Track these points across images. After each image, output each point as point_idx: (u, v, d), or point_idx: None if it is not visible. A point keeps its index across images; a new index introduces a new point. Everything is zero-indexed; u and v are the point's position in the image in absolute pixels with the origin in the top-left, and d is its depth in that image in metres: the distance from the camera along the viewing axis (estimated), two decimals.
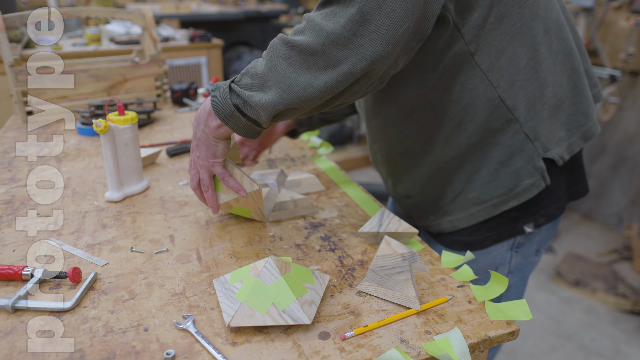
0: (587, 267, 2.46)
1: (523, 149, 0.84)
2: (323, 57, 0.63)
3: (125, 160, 0.95)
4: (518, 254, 0.94)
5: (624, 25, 2.57)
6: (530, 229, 0.90)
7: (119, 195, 0.95)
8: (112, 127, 0.91)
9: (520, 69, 0.80)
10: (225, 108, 0.72)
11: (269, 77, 0.67)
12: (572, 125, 0.88)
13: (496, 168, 0.85)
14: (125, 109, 1.01)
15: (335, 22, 0.62)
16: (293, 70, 0.65)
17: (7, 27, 1.31)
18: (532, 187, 0.86)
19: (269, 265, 0.64)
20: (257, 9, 4.26)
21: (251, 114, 0.71)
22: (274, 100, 0.67)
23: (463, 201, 0.89)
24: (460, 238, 0.93)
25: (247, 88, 0.70)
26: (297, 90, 0.65)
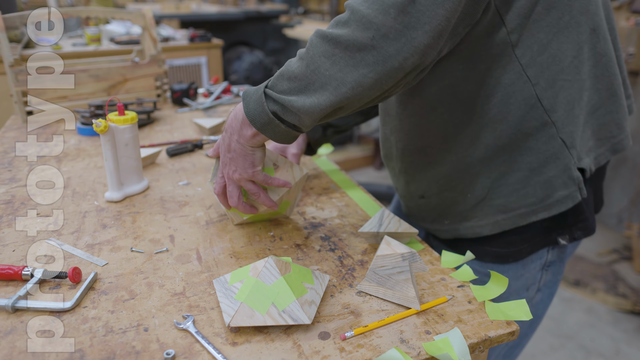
0: (587, 267, 2.46)
1: (558, 157, 0.76)
2: (372, 53, 0.58)
3: (125, 160, 0.94)
4: (548, 272, 0.88)
5: (624, 25, 2.57)
6: (565, 242, 0.83)
7: (119, 195, 0.94)
8: (112, 127, 0.90)
9: (563, 67, 0.73)
10: (262, 116, 0.66)
11: (312, 80, 0.62)
12: (603, 135, 0.81)
13: (527, 175, 0.78)
14: (125, 109, 1.01)
15: (384, 13, 0.56)
16: (338, 69, 0.60)
17: (7, 27, 1.31)
18: (565, 199, 0.78)
19: (269, 265, 0.64)
20: (257, 9, 4.27)
21: (291, 120, 0.66)
22: (321, 104, 0.62)
23: (486, 207, 0.82)
24: (493, 249, 0.86)
25: (285, 93, 0.64)
26: (346, 91, 0.61)
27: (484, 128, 0.76)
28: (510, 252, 0.85)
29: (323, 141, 1.07)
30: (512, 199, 0.80)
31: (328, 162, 1.18)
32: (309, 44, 0.63)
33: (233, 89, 1.73)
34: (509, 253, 0.85)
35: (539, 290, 0.90)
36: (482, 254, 0.86)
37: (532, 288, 0.89)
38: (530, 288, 0.89)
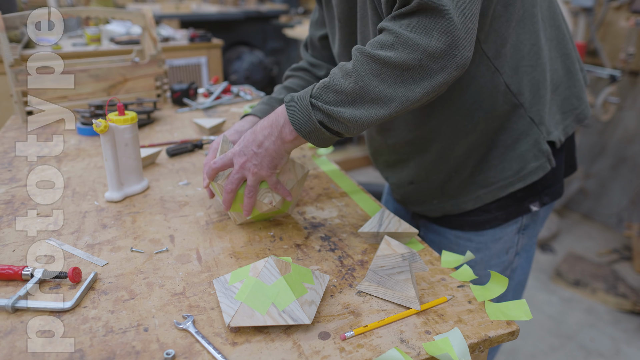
0: (587, 267, 2.46)
1: (528, 133, 0.87)
2: (419, 71, 0.64)
3: (125, 160, 0.94)
4: (524, 235, 0.97)
5: (624, 25, 2.57)
6: (536, 207, 0.94)
7: (119, 195, 0.94)
8: (112, 127, 0.90)
9: (524, 55, 0.82)
10: (308, 125, 0.71)
11: (361, 95, 0.67)
12: (567, 108, 0.92)
13: (503, 152, 0.88)
14: (125, 109, 1.01)
15: (429, 36, 0.62)
16: (387, 86, 0.65)
17: (7, 27, 1.31)
18: (537, 170, 0.89)
19: (269, 265, 0.64)
20: (257, 9, 4.27)
21: (338, 128, 0.71)
22: (371, 116, 0.67)
23: (469, 184, 0.91)
24: (470, 219, 0.95)
25: (332, 104, 0.69)
26: (395, 105, 0.66)
27: (463, 116, 0.85)
28: (487, 220, 0.95)
29: None
30: (491, 174, 0.90)
31: (328, 162, 1.18)
32: (354, 61, 0.68)
33: (233, 89, 1.73)
34: (485, 220, 0.95)
35: (518, 254, 1.00)
36: (462, 224, 0.97)
37: (510, 251, 0.98)
38: (509, 251, 0.98)
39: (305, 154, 1.22)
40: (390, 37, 0.65)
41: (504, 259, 0.99)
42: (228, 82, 1.77)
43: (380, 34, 0.67)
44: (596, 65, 2.61)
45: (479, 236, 0.97)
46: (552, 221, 2.88)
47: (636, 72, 2.62)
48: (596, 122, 2.80)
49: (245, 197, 0.81)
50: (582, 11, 2.55)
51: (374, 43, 0.67)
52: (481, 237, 0.96)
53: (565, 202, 3.07)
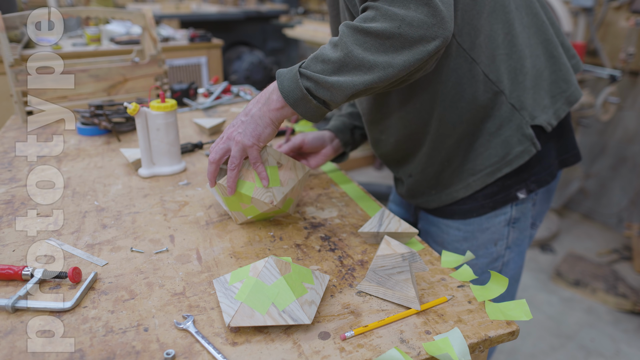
0: (587, 267, 2.46)
1: (511, 119, 0.89)
2: (400, 39, 0.68)
3: (157, 143, 1.03)
4: (515, 229, 0.99)
5: (624, 25, 2.57)
6: (523, 195, 0.95)
7: (147, 172, 1.05)
8: (145, 112, 1.00)
9: (498, 44, 0.86)
10: (296, 92, 0.74)
11: (347, 62, 0.71)
12: (555, 92, 0.94)
13: (487, 139, 0.91)
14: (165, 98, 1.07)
15: (406, 7, 0.67)
16: (370, 54, 0.69)
17: (7, 27, 1.31)
18: (522, 154, 0.91)
19: (269, 265, 0.64)
20: (257, 9, 4.26)
21: (323, 96, 0.74)
22: (354, 82, 0.71)
23: (460, 173, 0.94)
24: (458, 207, 0.98)
25: (319, 72, 0.73)
26: (378, 71, 0.70)
27: (448, 108, 0.88)
28: (474, 207, 0.97)
29: (353, 147, 1.14)
30: (478, 162, 0.92)
31: (328, 162, 1.18)
32: (340, 34, 0.72)
33: (233, 89, 1.73)
34: (473, 208, 0.97)
35: (508, 247, 1.00)
36: (452, 212, 0.99)
37: (500, 243, 0.99)
38: (498, 243, 0.99)
39: None
40: (372, 11, 0.70)
41: (492, 251, 1.00)
42: (228, 82, 1.77)
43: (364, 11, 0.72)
44: (596, 65, 2.61)
45: (466, 225, 0.99)
46: (552, 221, 2.88)
47: (636, 72, 2.62)
48: (596, 122, 2.80)
49: (228, 170, 0.81)
50: (582, 11, 2.55)
51: (359, 18, 0.71)
52: (468, 226, 0.98)
53: (565, 202, 3.07)
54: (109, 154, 1.18)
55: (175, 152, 1.06)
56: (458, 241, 1.01)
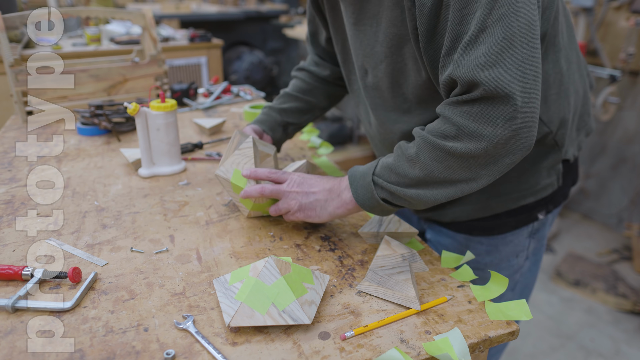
0: (587, 267, 2.46)
1: (550, 153, 0.89)
2: (485, 157, 0.65)
3: (157, 143, 1.03)
4: (535, 239, 0.99)
5: (624, 25, 2.57)
6: (542, 216, 0.96)
7: (147, 172, 1.05)
8: (145, 111, 1.00)
9: (550, 84, 0.82)
10: (372, 201, 0.73)
11: (426, 180, 0.69)
12: (580, 125, 0.95)
13: (526, 168, 0.89)
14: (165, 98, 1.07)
15: (493, 125, 0.62)
16: (452, 172, 0.67)
17: (7, 27, 1.31)
18: (548, 187, 0.92)
19: (269, 265, 0.64)
20: (257, 9, 4.26)
21: (401, 204, 0.73)
22: (436, 195, 0.69)
23: (480, 193, 0.91)
24: (479, 223, 0.96)
25: (395, 184, 0.71)
26: (461, 185, 0.68)
27: None
28: (495, 225, 0.96)
29: (284, 139, 1.12)
30: (506, 186, 0.91)
31: (328, 162, 1.18)
32: (417, 148, 0.69)
33: (233, 89, 1.73)
34: (494, 226, 0.96)
35: (528, 257, 1.01)
36: (471, 228, 0.97)
37: (521, 255, 0.99)
38: (519, 255, 0.99)
39: (306, 154, 1.22)
40: (452, 128, 0.65)
41: (514, 263, 0.99)
42: (228, 82, 1.77)
43: (440, 120, 0.68)
44: (596, 65, 2.61)
45: (489, 239, 0.97)
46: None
47: (636, 72, 2.62)
48: (596, 122, 2.80)
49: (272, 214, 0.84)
50: (582, 11, 2.55)
51: (435, 132, 0.67)
52: (492, 239, 0.97)
53: (565, 202, 3.07)
54: (109, 154, 1.18)
55: (175, 152, 1.06)
56: (480, 255, 0.99)
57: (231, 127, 1.40)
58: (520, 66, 0.61)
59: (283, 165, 1.15)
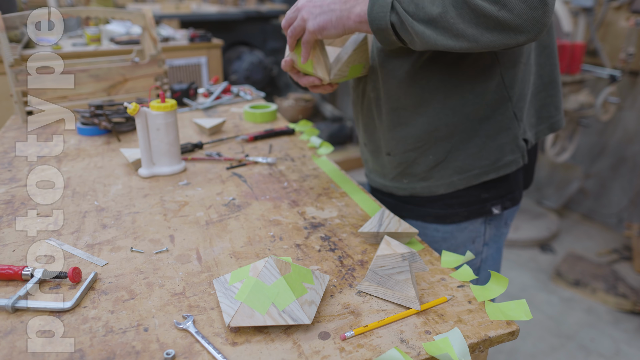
0: (587, 267, 2.46)
1: (510, 127, 0.90)
2: (494, 21, 0.68)
3: (157, 143, 1.03)
4: (491, 226, 1.00)
5: (624, 25, 2.57)
6: (498, 211, 0.97)
7: (147, 172, 1.05)
8: (145, 112, 1.00)
9: (522, 51, 0.86)
10: (381, 21, 0.74)
11: (438, 20, 0.70)
12: (544, 114, 0.96)
13: (484, 141, 0.90)
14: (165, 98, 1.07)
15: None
16: (462, 22, 0.69)
17: (7, 27, 1.31)
18: (511, 164, 0.92)
19: (269, 265, 0.64)
20: (257, 9, 4.26)
21: (404, 36, 0.74)
22: (437, 40, 0.71)
23: (443, 169, 0.93)
24: (433, 211, 0.98)
25: (410, 14, 0.72)
26: (463, 41, 0.70)
27: (454, 95, 0.88)
28: (448, 214, 0.97)
29: None
30: (468, 162, 0.92)
31: (328, 162, 1.18)
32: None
33: (233, 89, 1.73)
34: (447, 214, 0.97)
35: (486, 244, 1.02)
36: (424, 214, 1.00)
37: (477, 240, 1.01)
38: (475, 240, 1.01)
39: (306, 154, 1.22)
40: None
41: (471, 248, 1.01)
42: (228, 82, 1.77)
43: None
44: (596, 65, 2.61)
45: (444, 226, 0.99)
46: (552, 221, 2.88)
47: (636, 72, 2.61)
48: (596, 122, 2.80)
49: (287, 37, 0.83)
50: (582, 11, 2.55)
51: None
52: (447, 227, 0.99)
53: (565, 202, 3.07)
54: (109, 154, 1.18)
55: (175, 152, 1.06)
56: (437, 242, 1.01)
57: (231, 127, 1.40)
58: None
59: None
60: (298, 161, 1.18)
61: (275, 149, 1.25)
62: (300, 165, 1.15)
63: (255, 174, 1.09)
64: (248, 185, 1.03)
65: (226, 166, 1.13)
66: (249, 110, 1.45)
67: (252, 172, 1.10)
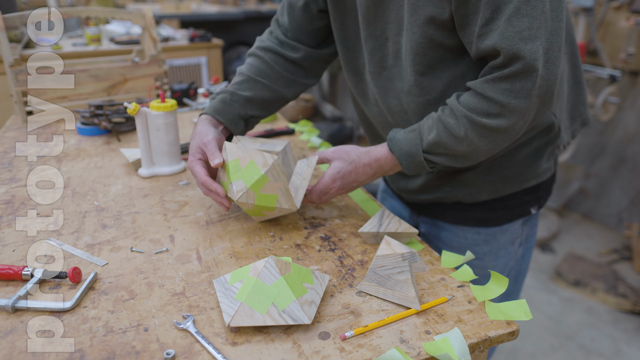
0: (587, 267, 2.46)
1: (554, 139, 0.93)
2: (522, 125, 0.74)
3: (157, 143, 1.03)
4: (527, 226, 1.02)
5: (624, 25, 2.57)
6: (535, 210, 1.00)
7: (147, 172, 1.05)
8: (145, 111, 1.00)
9: None
10: (420, 171, 0.83)
11: (472, 153, 0.77)
12: (574, 114, 0.98)
13: (533, 154, 0.92)
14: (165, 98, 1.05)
15: (529, 98, 0.70)
16: (496, 144, 0.76)
17: (7, 27, 1.31)
18: (546, 171, 0.95)
19: (269, 265, 0.64)
20: (257, 9, 4.26)
21: (443, 167, 0.83)
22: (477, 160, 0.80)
23: (486, 175, 0.93)
24: (475, 215, 0.98)
25: (444, 157, 0.79)
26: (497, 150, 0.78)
27: None
28: (491, 217, 0.98)
29: (244, 134, 1.00)
30: (512, 169, 0.92)
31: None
32: (465, 129, 0.74)
33: None
34: (490, 218, 0.98)
35: (521, 244, 1.04)
36: (465, 218, 0.99)
37: (516, 242, 1.03)
38: (515, 242, 1.02)
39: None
40: (495, 106, 0.71)
41: (511, 250, 1.01)
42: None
43: (479, 98, 0.73)
44: (596, 65, 2.61)
45: (486, 229, 0.99)
46: (552, 221, 2.87)
47: (636, 72, 2.61)
48: (596, 122, 2.80)
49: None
50: (582, 11, 2.55)
51: (478, 111, 0.73)
52: (489, 229, 0.99)
53: (565, 202, 3.07)
54: (109, 154, 1.18)
55: (175, 152, 1.06)
56: (478, 245, 1.00)
57: None
58: (549, 39, 0.67)
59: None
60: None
61: None
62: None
63: None
64: None
65: None
66: None
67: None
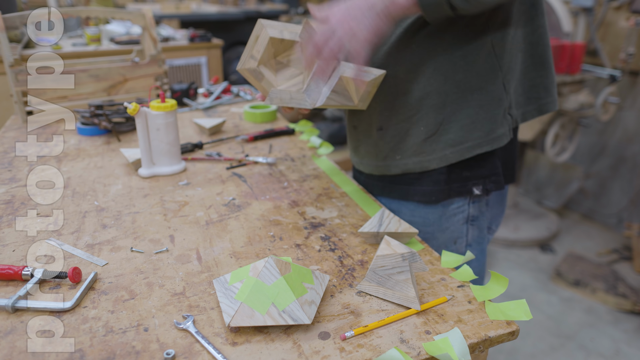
0: (587, 267, 2.46)
1: (500, 98, 0.89)
2: None
3: (157, 143, 1.03)
4: (474, 227, 0.99)
5: (624, 25, 2.57)
6: (479, 192, 0.95)
7: (147, 172, 1.05)
8: (145, 112, 1.00)
9: (514, 21, 0.87)
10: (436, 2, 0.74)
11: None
12: (532, 95, 0.95)
13: (476, 111, 0.89)
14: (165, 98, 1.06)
15: None
16: None
17: (7, 27, 1.31)
18: (502, 137, 0.91)
19: (269, 265, 0.64)
20: (257, 9, 4.27)
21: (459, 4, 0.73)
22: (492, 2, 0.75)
23: (435, 143, 0.91)
24: (421, 188, 0.95)
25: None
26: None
27: (446, 61, 0.86)
28: (434, 191, 0.95)
29: None
30: (460, 134, 0.90)
31: (328, 162, 1.18)
32: None
33: (233, 89, 1.73)
34: (432, 191, 0.95)
35: (469, 245, 1.01)
36: (412, 193, 0.97)
37: (459, 241, 0.99)
38: (457, 241, 0.99)
39: (306, 154, 1.22)
40: None
41: (453, 249, 0.99)
42: (228, 82, 1.77)
43: None
44: (596, 65, 2.61)
45: (425, 226, 0.98)
46: (552, 221, 2.88)
47: (636, 72, 2.62)
48: (596, 122, 2.80)
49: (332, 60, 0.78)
50: (582, 11, 2.55)
51: None
52: (428, 227, 0.98)
53: (565, 202, 3.07)
54: (109, 154, 1.18)
55: (175, 152, 1.06)
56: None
57: (231, 127, 1.40)
58: None
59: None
60: (298, 161, 1.18)
61: (275, 149, 1.25)
62: (300, 165, 1.15)
63: (255, 174, 1.09)
64: (248, 185, 1.03)
65: (226, 166, 1.13)
66: (249, 110, 1.45)
67: (252, 172, 1.10)
